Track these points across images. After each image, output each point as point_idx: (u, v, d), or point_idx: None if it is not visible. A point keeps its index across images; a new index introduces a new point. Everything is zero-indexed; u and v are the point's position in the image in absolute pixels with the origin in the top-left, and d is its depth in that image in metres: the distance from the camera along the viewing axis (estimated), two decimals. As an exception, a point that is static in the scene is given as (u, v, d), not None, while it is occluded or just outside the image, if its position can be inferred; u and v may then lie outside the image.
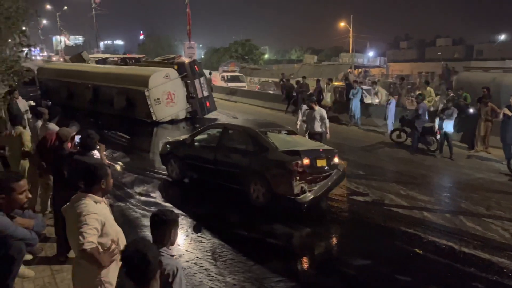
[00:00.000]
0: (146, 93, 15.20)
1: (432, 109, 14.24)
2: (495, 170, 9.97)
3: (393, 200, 7.76)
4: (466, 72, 17.96)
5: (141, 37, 74.33)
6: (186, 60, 18.21)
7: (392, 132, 13.19)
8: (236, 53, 51.64)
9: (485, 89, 12.47)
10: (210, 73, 23.61)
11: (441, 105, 14.10)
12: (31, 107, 9.75)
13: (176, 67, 16.53)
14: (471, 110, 12.80)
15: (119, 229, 3.23)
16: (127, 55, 28.96)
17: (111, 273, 3.05)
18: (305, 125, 10.35)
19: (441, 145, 11.30)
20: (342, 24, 54.20)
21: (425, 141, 11.79)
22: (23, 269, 4.23)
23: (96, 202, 3.09)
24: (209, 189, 8.29)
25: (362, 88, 17.21)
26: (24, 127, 6.42)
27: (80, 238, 2.86)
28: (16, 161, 6.03)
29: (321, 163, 7.36)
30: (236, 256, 5.47)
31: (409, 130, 12.27)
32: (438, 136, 11.32)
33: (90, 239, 2.88)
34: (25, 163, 6.11)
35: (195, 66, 17.02)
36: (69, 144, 5.67)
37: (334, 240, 6.48)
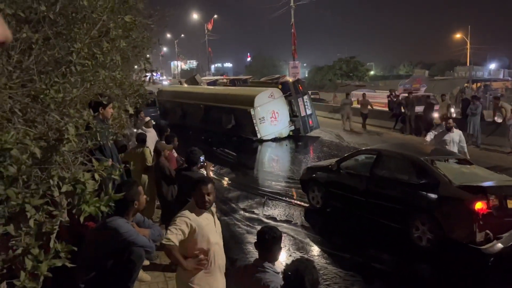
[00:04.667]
0: (252, 112, 15.83)
1: None
2: None
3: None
4: None
5: (248, 59, 77.36)
6: (290, 79, 18.58)
7: None
8: (340, 70, 51.00)
9: None
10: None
11: None
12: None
13: (280, 86, 16.95)
14: None
15: (215, 243, 3.37)
16: (224, 77, 30.57)
17: (198, 280, 3.28)
18: None
19: None
20: (457, 35, 50.25)
21: None
22: (141, 274, 4.62)
23: (192, 211, 3.30)
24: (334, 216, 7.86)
25: (481, 104, 15.56)
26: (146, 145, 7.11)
27: (164, 232, 3.24)
28: (138, 175, 6.69)
29: None
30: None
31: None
32: None
33: (171, 236, 3.08)
34: (145, 177, 6.75)
35: (299, 85, 17.27)
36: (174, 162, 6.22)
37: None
